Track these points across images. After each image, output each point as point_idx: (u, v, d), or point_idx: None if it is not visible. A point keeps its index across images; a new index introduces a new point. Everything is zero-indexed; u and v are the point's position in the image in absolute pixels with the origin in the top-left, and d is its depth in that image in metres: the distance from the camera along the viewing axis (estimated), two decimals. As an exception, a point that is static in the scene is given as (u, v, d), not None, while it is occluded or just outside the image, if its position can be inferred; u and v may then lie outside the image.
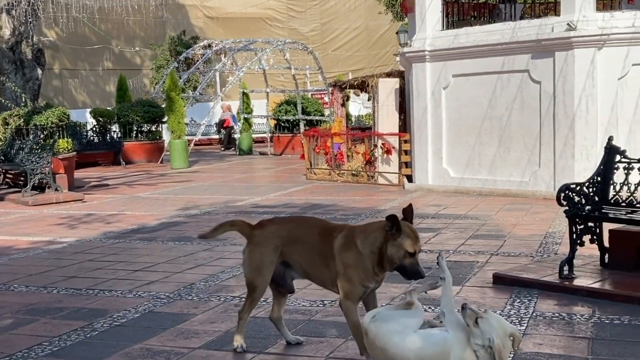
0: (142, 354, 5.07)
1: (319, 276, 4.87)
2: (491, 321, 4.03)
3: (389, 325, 4.22)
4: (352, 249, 4.62)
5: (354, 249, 4.61)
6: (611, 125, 12.29)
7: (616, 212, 6.64)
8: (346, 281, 4.62)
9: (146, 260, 8.51)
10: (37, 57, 25.99)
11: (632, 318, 5.50)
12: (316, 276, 4.90)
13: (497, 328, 4.00)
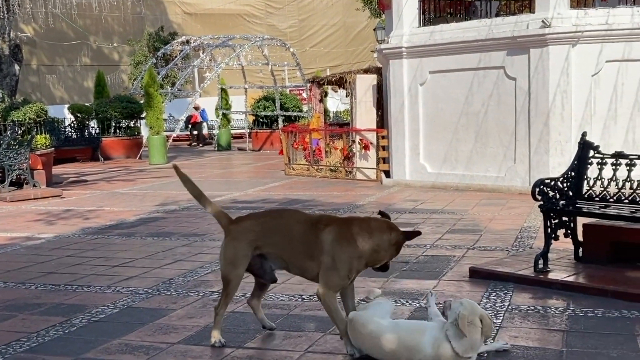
0: (121, 349, 5.05)
1: (301, 266, 4.90)
2: (462, 301, 4.36)
3: (369, 312, 4.65)
4: (349, 244, 4.69)
5: (352, 244, 4.69)
6: (585, 121, 12.38)
7: (590, 206, 6.70)
8: (334, 273, 4.68)
9: (125, 255, 8.47)
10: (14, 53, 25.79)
11: (606, 311, 5.55)
12: (296, 266, 4.94)
13: (467, 305, 4.33)
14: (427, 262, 7.52)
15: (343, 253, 4.68)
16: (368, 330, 4.56)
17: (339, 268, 4.67)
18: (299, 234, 4.87)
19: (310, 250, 4.79)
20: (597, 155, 6.87)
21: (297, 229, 4.90)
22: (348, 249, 4.68)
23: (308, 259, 4.81)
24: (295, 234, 4.88)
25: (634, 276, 6.27)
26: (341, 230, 4.76)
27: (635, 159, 6.56)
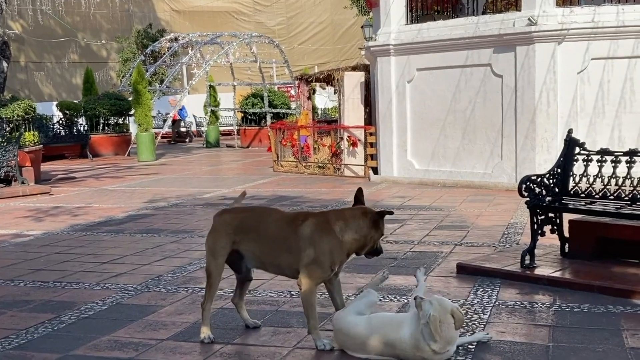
0: (110, 346, 5.04)
1: (277, 263, 4.95)
2: (432, 301, 4.37)
3: (346, 311, 4.73)
4: (329, 235, 4.74)
5: (331, 236, 4.74)
6: (571, 118, 12.43)
7: (576, 203, 6.72)
8: (316, 266, 4.72)
9: (114, 252, 8.45)
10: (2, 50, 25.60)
11: (592, 306, 5.58)
12: (273, 264, 5.00)
13: (436, 305, 4.33)
14: (414, 258, 7.53)
15: (323, 244, 4.73)
16: (350, 331, 4.62)
17: (321, 260, 4.73)
18: (276, 232, 4.93)
19: (288, 247, 4.84)
20: (583, 152, 6.90)
21: (274, 228, 4.96)
22: (327, 238, 4.74)
23: (286, 256, 4.86)
24: (272, 232, 4.94)
25: (620, 271, 6.30)
26: (318, 223, 4.83)
27: (620, 155, 6.59)
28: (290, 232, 4.84)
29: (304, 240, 4.75)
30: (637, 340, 4.76)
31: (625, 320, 5.21)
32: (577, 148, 6.94)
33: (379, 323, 4.58)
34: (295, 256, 4.79)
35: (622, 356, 4.49)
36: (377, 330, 4.52)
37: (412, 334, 4.38)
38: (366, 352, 4.55)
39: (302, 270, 4.76)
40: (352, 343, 4.60)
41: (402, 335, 4.42)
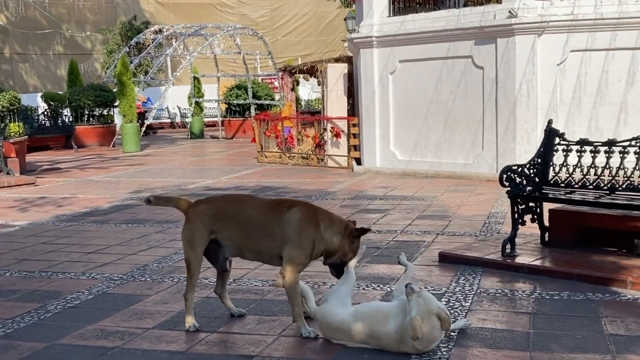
0: (96, 335, 5.02)
1: (257, 248, 4.96)
2: (419, 299, 4.30)
3: (329, 304, 4.72)
4: (314, 226, 4.82)
5: (316, 228, 4.82)
6: (551, 109, 12.47)
7: (555, 192, 6.75)
8: (300, 250, 4.77)
9: (99, 242, 8.41)
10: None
11: (571, 294, 5.60)
12: (252, 249, 5.00)
13: (422, 305, 4.27)
14: (397, 248, 7.54)
15: (308, 233, 4.79)
16: (334, 324, 4.63)
17: (304, 247, 4.78)
18: (257, 217, 4.94)
19: (270, 232, 4.86)
20: (562, 142, 6.92)
21: (254, 214, 4.97)
22: (312, 229, 4.81)
23: (268, 241, 4.87)
24: (252, 218, 4.95)
25: (598, 260, 6.34)
26: (307, 212, 4.89)
27: (599, 146, 6.61)
28: (273, 217, 4.86)
29: (290, 226, 4.78)
30: (616, 327, 4.79)
31: (604, 307, 5.24)
32: (557, 138, 6.96)
33: (365, 315, 4.56)
34: (277, 241, 4.82)
35: (601, 342, 4.51)
36: (363, 322, 4.51)
37: (398, 328, 4.36)
38: (353, 342, 4.55)
39: (286, 258, 4.76)
40: (340, 335, 4.60)
41: (388, 328, 4.41)
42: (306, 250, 4.78)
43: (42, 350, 4.75)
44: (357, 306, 4.74)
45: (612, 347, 4.43)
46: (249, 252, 5.02)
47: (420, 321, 4.21)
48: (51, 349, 4.77)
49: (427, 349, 4.34)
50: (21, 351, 4.74)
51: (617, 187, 6.37)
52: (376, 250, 7.42)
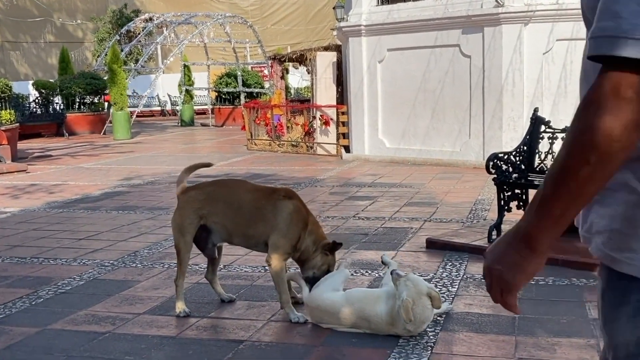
0: (88, 320, 5.01)
1: (247, 233, 4.97)
2: (407, 282, 4.33)
3: (320, 288, 4.75)
4: (302, 223, 4.87)
5: (304, 224, 4.88)
6: (536, 98, 12.48)
7: (541, 179, 6.75)
8: (286, 240, 4.80)
9: (90, 229, 8.39)
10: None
11: (556, 279, 5.63)
12: (242, 234, 5.00)
13: (411, 288, 4.29)
14: (385, 234, 7.56)
15: (297, 226, 4.85)
16: (324, 307, 4.64)
17: (291, 237, 4.82)
18: (251, 202, 4.95)
19: (262, 217, 4.87)
20: (548, 130, 6.94)
21: (248, 197, 4.97)
22: (301, 225, 4.86)
23: (259, 226, 4.88)
24: (246, 202, 4.96)
25: (583, 246, 6.33)
26: (301, 208, 4.93)
27: (584, 133, 6.62)
28: (267, 203, 4.88)
29: (282, 215, 4.79)
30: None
31: (588, 292, 5.27)
32: (543, 126, 6.98)
33: (355, 298, 4.59)
34: (267, 228, 4.84)
35: (585, 327, 4.54)
36: (353, 305, 4.53)
37: (389, 311, 4.38)
38: (342, 326, 4.56)
39: (272, 246, 4.77)
40: (330, 318, 4.61)
41: (378, 311, 4.42)
42: (292, 241, 4.82)
43: (34, 335, 4.74)
44: (348, 290, 4.76)
45: (595, 331, 4.45)
46: (238, 236, 5.02)
47: (411, 302, 4.23)
48: (43, 334, 4.76)
49: (419, 329, 4.36)
50: (13, 336, 4.73)
51: (602, 174, 6.38)
52: (364, 237, 7.43)
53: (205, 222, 5.01)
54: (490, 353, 4.16)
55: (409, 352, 4.20)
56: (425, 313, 4.31)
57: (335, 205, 9.48)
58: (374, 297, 4.57)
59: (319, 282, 4.84)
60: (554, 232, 1.53)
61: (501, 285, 1.63)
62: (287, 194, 4.95)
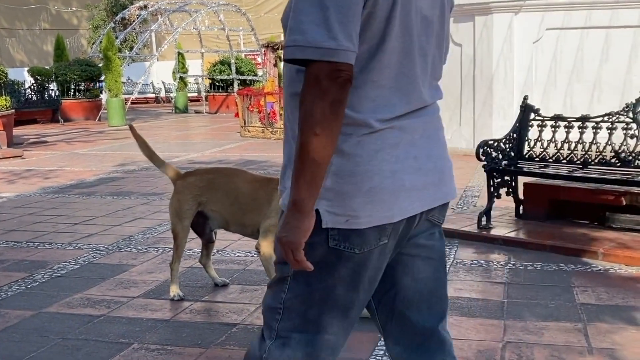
0: (83, 303, 5.01)
1: (242, 222, 4.94)
2: None
3: None
4: None
5: None
6: (526, 87, 12.47)
7: (530, 166, 6.78)
8: (274, 224, 4.71)
9: (85, 214, 8.37)
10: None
11: (544, 264, 5.65)
12: (237, 223, 4.98)
13: None
14: (376, 220, 7.55)
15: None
16: None
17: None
18: (247, 191, 4.91)
19: (258, 206, 4.83)
20: (537, 117, 6.95)
21: (246, 187, 4.94)
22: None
23: (254, 215, 4.84)
24: (242, 192, 4.92)
25: (571, 232, 6.39)
26: None
27: (573, 121, 6.65)
28: (265, 193, 4.83)
29: (274, 203, 4.76)
30: (587, 297, 4.84)
31: (575, 277, 5.29)
32: (532, 114, 6.98)
33: None
34: (261, 216, 4.79)
35: (572, 311, 4.56)
36: None
37: None
38: None
39: (263, 232, 4.76)
40: None
41: None
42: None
43: (30, 318, 4.74)
44: None
45: (583, 315, 4.48)
46: (234, 224, 5.00)
47: None
48: (38, 316, 4.76)
49: None
50: (8, 319, 4.72)
51: (590, 162, 6.41)
52: (356, 222, 7.43)
53: (203, 209, 5.00)
54: (479, 337, 4.18)
55: (399, 335, 4.20)
56: None
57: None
58: None
59: None
60: (311, 194, 1.92)
61: (291, 247, 1.96)
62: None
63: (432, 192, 2.17)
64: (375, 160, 2.02)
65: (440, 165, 2.22)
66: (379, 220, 2.04)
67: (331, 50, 1.84)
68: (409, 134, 2.09)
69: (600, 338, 4.10)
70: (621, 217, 6.44)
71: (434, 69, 2.21)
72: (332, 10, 1.84)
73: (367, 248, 2.07)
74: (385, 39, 1.97)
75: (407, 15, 2.00)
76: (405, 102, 2.07)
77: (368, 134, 2.01)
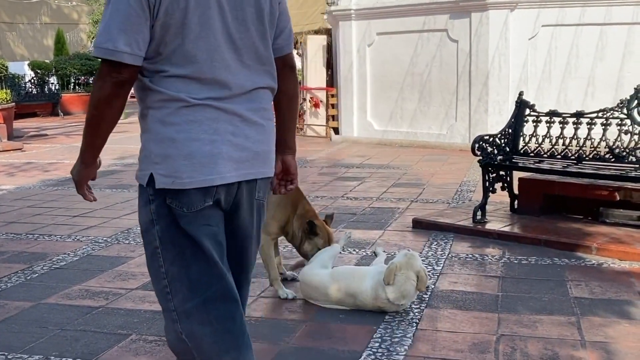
0: (81, 295, 4.99)
1: None
2: (406, 254, 4.44)
3: (311, 265, 4.78)
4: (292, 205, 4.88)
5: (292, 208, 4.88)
6: (522, 82, 12.47)
7: (525, 161, 6.77)
8: (272, 220, 4.80)
9: (84, 206, 8.33)
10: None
11: (538, 258, 5.65)
12: None
13: (404, 258, 4.40)
14: (373, 214, 7.56)
15: (285, 209, 4.86)
16: (314, 284, 4.64)
17: (278, 219, 4.84)
18: None
19: None
20: (532, 113, 6.94)
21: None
22: (289, 207, 4.88)
23: None
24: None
25: (565, 226, 6.38)
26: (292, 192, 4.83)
27: (568, 117, 6.63)
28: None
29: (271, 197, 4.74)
30: (580, 290, 4.83)
31: (569, 271, 5.29)
32: (527, 109, 6.97)
33: (342, 275, 4.60)
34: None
35: (566, 305, 4.56)
36: (340, 282, 4.54)
37: (373, 286, 4.39)
38: (330, 302, 4.57)
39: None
40: (317, 294, 4.62)
41: (364, 287, 4.44)
42: (279, 222, 4.84)
43: (29, 309, 4.72)
44: (335, 268, 4.77)
45: (576, 309, 4.47)
46: None
47: (397, 268, 4.28)
48: (37, 307, 4.75)
49: (398, 302, 4.35)
50: (8, 310, 4.71)
51: (584, 157, 6.41)
52: (353, 217, 7.42)
53: None
54: (473, 329, 4.18)
55: (394, 328, 4.21)
56: (406, 286, 4.32)
57: (324, 186, 9.47)
58: (360, 274, 4.59)
59: (311, 260, 4.84)
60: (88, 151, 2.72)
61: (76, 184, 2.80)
62: None
63: (248, 166, 2.50)
64: (194, 129, 2.38)
65: (257, 148, 2.52)
66: (201, 182, 2.39)
67: (109, 51, 2.29)
68: (229, 114, 2.43)
69: (593, 331, 4.10)
70: (615, 212, 6.44)
71: (259, 58, 2.52)
72: (117, 21, 2.29)
73: (194, 208, 2.43)
74: (184, 40, 2.35)
75: (207, 19, 2.38)
76: (220, 87, 2.42)
77: (184, 107, 2.38)
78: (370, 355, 3.83)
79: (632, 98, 6.25)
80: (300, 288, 4.78)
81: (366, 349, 3.91)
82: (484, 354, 3.81)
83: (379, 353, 3.85)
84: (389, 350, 3.88)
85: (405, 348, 3.91)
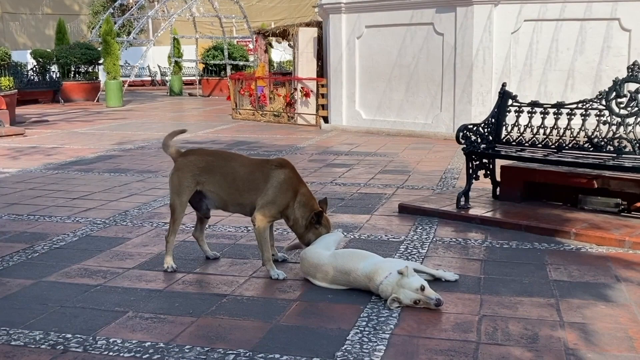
0: (80, 273, 4.95)
1: (241, 202, 4.90)
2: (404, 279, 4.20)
3: (315, 245, 4.78)
4: (292, 191, 4.80)
5: (293, 193, 4.80)
6: (504, 74, 12.46)
7: (507, 150, 6.75)
8: (272, 204, 4.75)
9: (84, 189, 8.29)
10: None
11: (519, 243, 5.64)
12: (236, 203, 4.94)
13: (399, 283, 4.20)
14: (360, 199, 7.53)
15: (286, 195, 4.79)
16: (313, 260, 4.63)
17: (278, 204, 4.76)
18: (244, 173, 4.88)
19: (255, 186, 4.81)
20: (515, 103, 6.92)
21: (242, 170, 4.91)
22: (291, 192, 4.80)
23: (251, 194, 4.82)
24: (239, 174, 4.89)
25: (545, 213, 6.38)
26: (292, 177, 4.85)
27: (549, 107, 6.62)
28: (260, 173, 4.82)
29: (272, 183, 4.75)
30: (560, 274, 4.83)
31: (549, 255, 5.28)
32: (510, 100, 6.95)
33: (342, 255, 4.59)
34: (259, 194, 4.79)
35: (545, 287, 4.55)
36: (338, 260, 4.51)
37: (370, 269, 4.34)
38: (326, 281, 4.54)
39: (259, 208, 4.73)
40: (314, 271, 4.59)
41: (360, 266, 4.40)
42: (279, 207, 4.77)
43: (30, 286, 4.68)
44: (338, 249, 4.77)
45: (555, 291, 4.47)
46: (233, 205, 4.97)
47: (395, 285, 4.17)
48: (38, 285, 4.71)
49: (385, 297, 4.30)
50: (10, 287, 4.67)
51: (564, 146, 6.40)
52: (341, 202, 7.40)
53: (201, 189, 4.95)
54: (456, 310, 4.16)
55: (381, 307, 4.18)
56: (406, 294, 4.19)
57: (314, 172, 9.43)
58: (360, 256, 4.56)
59: (315, 242, 4.82)
60: None
61: None
62: (279, 163, 4.88)
63: None
64: None
65: None
66: None
67: None
68: None
69: (571, 313, 4.09)
70: (593, 199, 6.43)
71: None
72: None
73: None
74: None
75: None
76: None
77: None
78: (358, 333, 3.81)
79: (610, 90, 6.24)
80: (300, 264, 4.77)
81: (353, 327, 3.89)
82: (466, 334, 3.80)
83: (366, 331, 3.83)
84: (376, 329, 3.86)
85: (391, 327, 3.89)
